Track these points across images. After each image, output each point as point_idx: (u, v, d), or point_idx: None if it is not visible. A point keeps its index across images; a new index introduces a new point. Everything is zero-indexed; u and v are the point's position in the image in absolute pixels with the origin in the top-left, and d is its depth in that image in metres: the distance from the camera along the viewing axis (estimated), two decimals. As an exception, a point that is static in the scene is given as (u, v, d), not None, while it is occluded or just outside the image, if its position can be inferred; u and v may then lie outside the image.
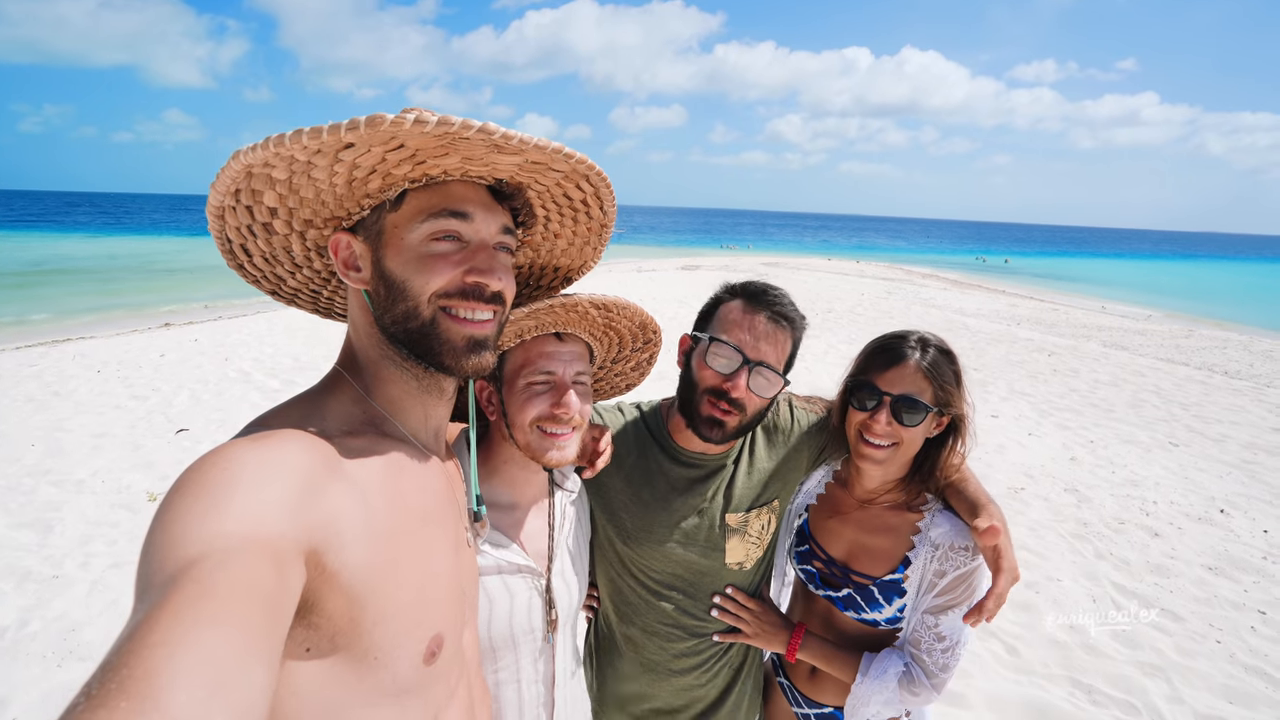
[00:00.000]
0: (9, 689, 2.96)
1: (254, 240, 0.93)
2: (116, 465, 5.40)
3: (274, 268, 0.99)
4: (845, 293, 18.55)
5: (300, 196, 0.86)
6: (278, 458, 0.72)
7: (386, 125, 0.71)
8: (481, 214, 0.89)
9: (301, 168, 0.81)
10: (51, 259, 27.43)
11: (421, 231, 0.87)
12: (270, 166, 0.80)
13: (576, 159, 0.87)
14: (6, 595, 3.64)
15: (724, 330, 1.37)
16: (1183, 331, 15.49)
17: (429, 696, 0.87)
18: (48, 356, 9.15)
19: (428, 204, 0.87)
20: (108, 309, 14.99)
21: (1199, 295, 28.84)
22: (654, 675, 1.54)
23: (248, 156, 0.76)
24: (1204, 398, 8.78)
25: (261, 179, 0.82)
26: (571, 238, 1.10)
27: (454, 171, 0.87)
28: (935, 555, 1.40)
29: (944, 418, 1.43)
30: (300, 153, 0.76)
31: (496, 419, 1.21)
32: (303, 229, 0.92)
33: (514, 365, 1.18)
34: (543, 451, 1.17)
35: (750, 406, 1.37)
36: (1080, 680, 3.24)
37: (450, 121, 0.72)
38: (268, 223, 0.90)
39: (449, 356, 0.89)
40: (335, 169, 0.81)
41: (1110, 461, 6.22)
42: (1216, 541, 4.74)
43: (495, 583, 1.18)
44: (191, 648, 0.50)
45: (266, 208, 0.88)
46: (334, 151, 0.78)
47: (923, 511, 1.47)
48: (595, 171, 0.93)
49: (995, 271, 38.13)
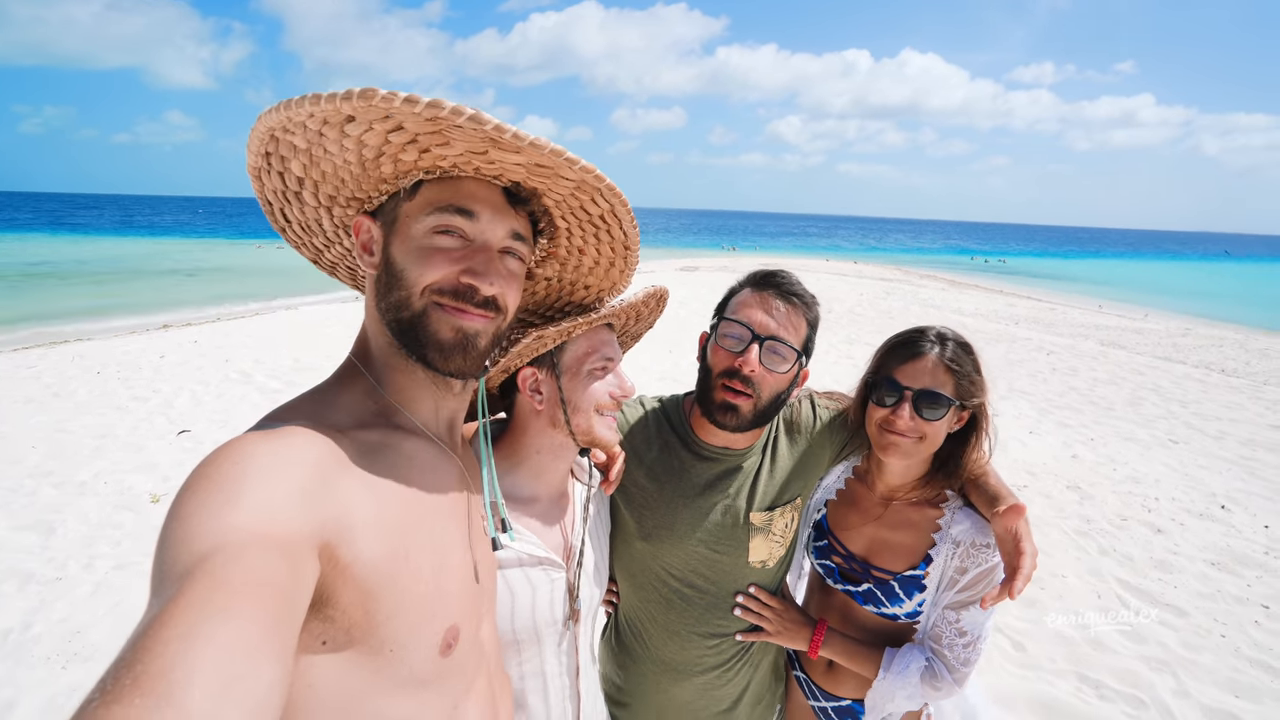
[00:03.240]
0: (14, 692, 2.94)
1: (289, 207, 0.96)
2: (118, 467, 5.38)
3: (311, 237, 1.03)
4: (844, 293, 18.57)
5: (321, 170, 0.88)
6: (289, 451, 0.73)
7: (378, 99, 0.72)
8: (489, 214, 0.89)
9: (315, 138, 0.82)
10: (48, 260, 27.33)
11: (427, 224, 0.87)
12: (290, 133, 0.82)
13: (581, 165, 0.84)
14: (9, 598, 3.63)
15: (733, 312, 1.39)
16: (1179, 330, 15.55)
17: (446, 688, 0.87)
18: (46, 358, 9.11)
19: (437, 197, 0.87)
20: (105, 310, 14.93)
21: (1194, 295, 28.96)
22: (674, 675, 1.52)
23: (268, 119, 0.78)
24: (1202, 395, 8.82)
25: (286, 145, 0.85)
26: (597, 256, 1.10)
27: (464, 167, 0.87)
28: (956, 552, 1.40)
29: (965, 411, 1.42)
30: (309, 120, 0.78)
31: (546, 406, 1.21)
32: (329, 205, 0.94)
33: (578, 353, 1.20)
34: (601, 431, 1.22)
35: (765, 387, 1.35)
36: (1087, 675, 3.25)
37: (441, 105, 0.72)
38: (298, 192, 0.92)
39: (433, 350, 0.87)
40: (344, 144, 0.82)
41: (1111, 459, 6.24)
42: (1218, 537, 4.75)
43: (516, 575, 1.18)
44: (206, 643, 0.50)
45: (295, 176, 0.90)
46: (339, 125, 0.79)
47: (943, 509, 1.47)
48: (606, 185, 0.90)
49: (992, 271, 38.24)
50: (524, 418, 1.25)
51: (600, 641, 1.68)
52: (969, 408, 1.41)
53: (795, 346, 1.36)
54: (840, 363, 9.46)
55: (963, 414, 1.42)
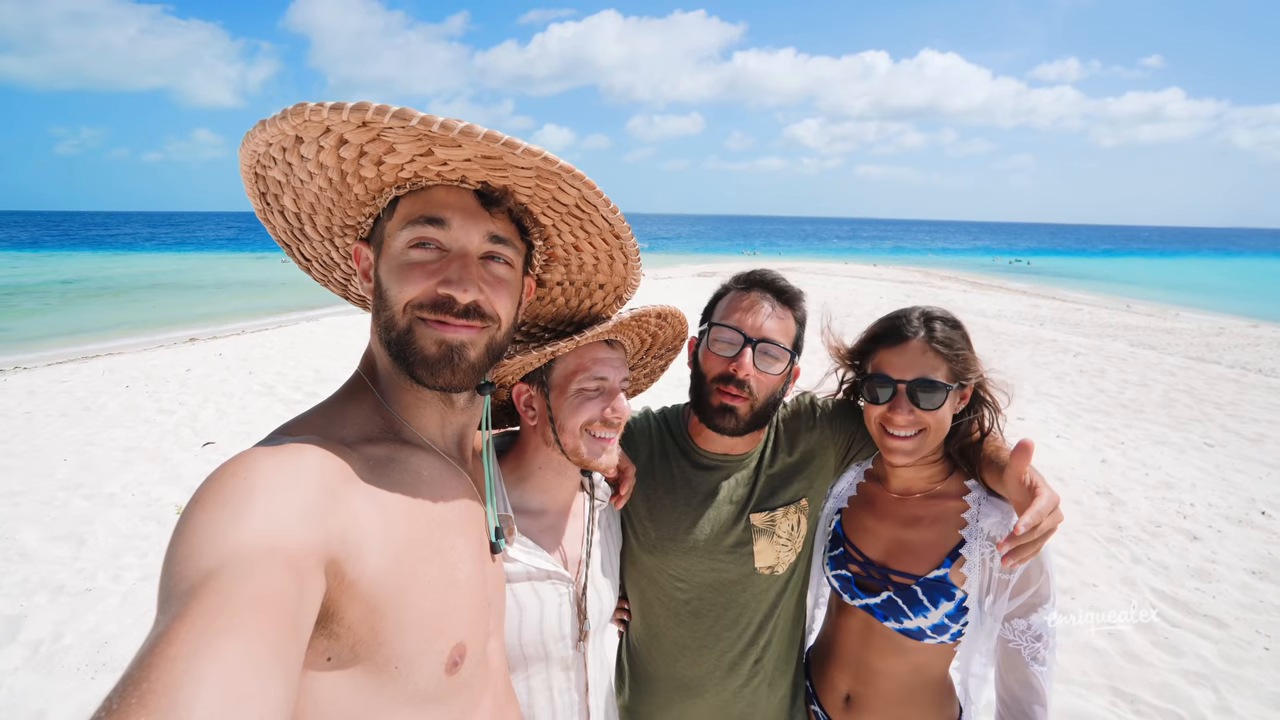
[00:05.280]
0: (45, 701, 3.00)
1: (303, 245, 1.00)
2: (146, 478, 5.50)
3: (331, 273, 1.10)
4: (863, 297, 18.39)
5: (307, 201, 0.90)
6: (295, 466, 0.73)
7: (307, 113, 0.74)
8: (460, 219, 0.87)
9: (285, 169, 0.86)
10: (81, 277, 28.16)
11: (402, 239, 0.86)
12: (265, 167, 0.86)
13: (524, 149, 0.76)
14: (41, 609, 3.71)
15: (723, 317, 1.38)
16: (1213, 329, 15.11)
17: (452, 706, 0.86)
18: (78, 373, 9.37)
19: (409, 211, 0.87)
20: (135, 325, 15.34)
21: (1228, 292, 28.15)
22: (686, 692, 1.49)
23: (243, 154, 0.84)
24: (1238, 396, 8.54)
25: (271, 181, 0.88)
26: (594, 250, 1.06)
27: (425, 175, 0.86)
28: (993, 551, 1.29)
29: (966, 389, 1.35)
30: (269, 148, 0.81)
31: (538, 423, 1.21)
32: (329, 236, 0.96)
33: (566, 371, 1.18)
34: (592, 455, 1.18)
35: (760, 389, 1.34)
36: (1122, 689, 3.14)
37: (365, 107, 0.72)
38: (300, 228, 0.95)
39: (420, 367, 0.86)
40: (309, 168, 0.85)
41: (1143, 463, 6.06)
42: (1259, 545, 4.58)
43: (525, 589, 1.17)
44: (211, 660, 0.50)
45: (291, 212, 0.93)
46: (295, 149, 0.82)
47: (965, 501, 1.37)
48: (561, 167, 0.81)
49: (1016, 272, 37.61)
50: (526, 433, 1.24)
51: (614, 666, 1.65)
52: (968, 385, 1.34)
53: (787, 347, 1.36)
54: (860, 367, 9.34)
55: (964, 393, 1.35)
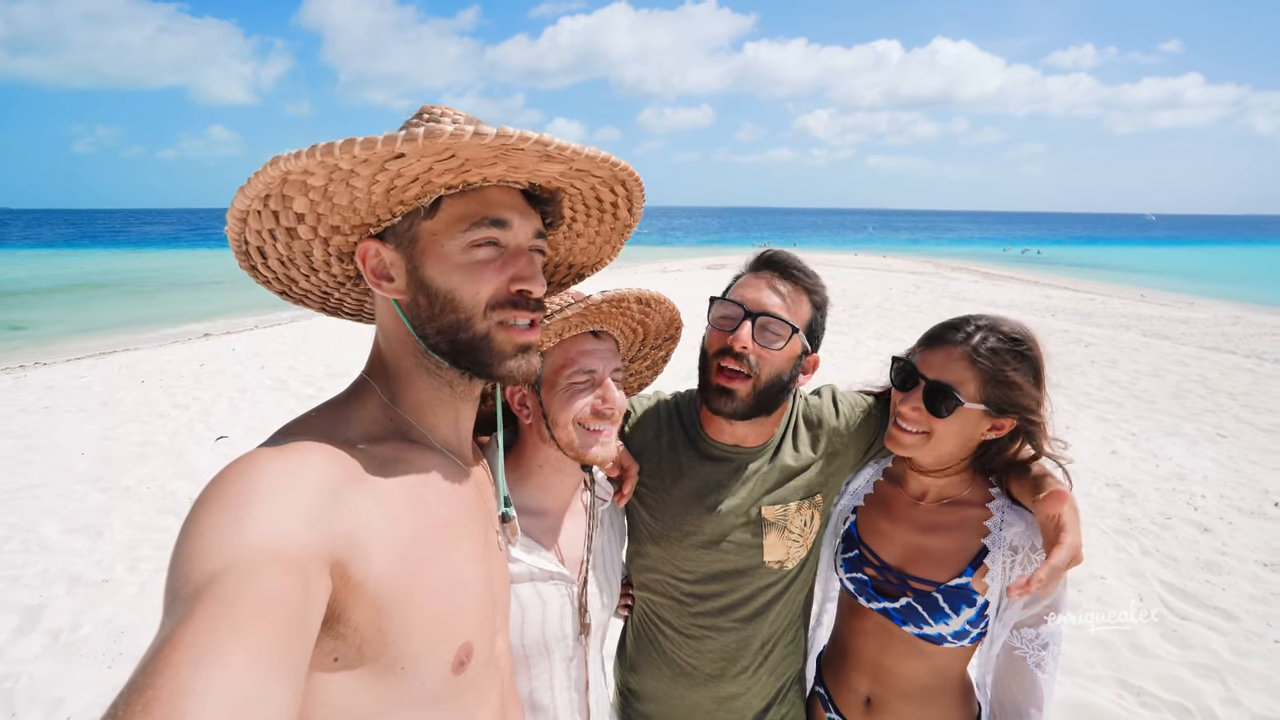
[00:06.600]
0: (64, 689, 3.07)
1: (273, 244, 0.90)
2: (161, 472, 5.58)
3: (288, 270, 0.96)
4: (872, 288, 18.25)
5: (333, 203, 0.83)
6: (299, 467, 0.72)
7: (445, 138, 0.69)
8: (519, 220, 0.89)
9: (342, 175, 0.78)
10: (98, 272, 28.49)
11: (463, 240, 0.85)
12: (309, 174, 0.77)
13: (621, 166, 0.89)
14: (60, 599, 3.79)
15: (729, 294, 1.38)
16: (1228, 318, 14.88)
17: (459, 705, 0.86)
18: (95, 368, 9.50)
19: (466, 211, 0.86)
20: (150, 320, 15.52)
21: (1244, 280, 27.66)
22: (690, 680, 1.49)
23: (288, 164, 0.73)
24: (1253, 386, 8.41)
25: (296, 185, 0.80)
26: (593, 237, 1.10)
27: (493, 178, 0.86)
28: (1015, 560, 1.27)
29: (1005, 419, 1.28)
30: (347, 161, 0.74)
31: (533, 421, 1.21)
32: (328, 235, 0.89)
33: (553, 365, 1.18)
34: (586, 448, 1.17)
35: (763, 367, 1.30)
36: (1128, 681, 3.13)
37: (508, 134, 0.71)
38: (292, 228, 0.87)
39: (498, 366, 0.89)
40: (378, 178, 0.79)
41: (1154, 454, 6.00)
42: (1272, 537, 4.53)
43: (527, 590, 1.17)
44: (216, 666, 0.51)
45: (294, 213, 0.85)
46: (381, 161, 0.76)
47: (989, 508, 1.34)
48: (634, 177, 0.94)
49: (1028, 262, 37.13)
50: (524, 432, 1.25)
51: (616, 647, 1.67)
52: (1010, 415, 1.26)
53: (790, 321, 1.30)
54: (869, 359, 9.28)
55: (1000, 421, 1.28)
